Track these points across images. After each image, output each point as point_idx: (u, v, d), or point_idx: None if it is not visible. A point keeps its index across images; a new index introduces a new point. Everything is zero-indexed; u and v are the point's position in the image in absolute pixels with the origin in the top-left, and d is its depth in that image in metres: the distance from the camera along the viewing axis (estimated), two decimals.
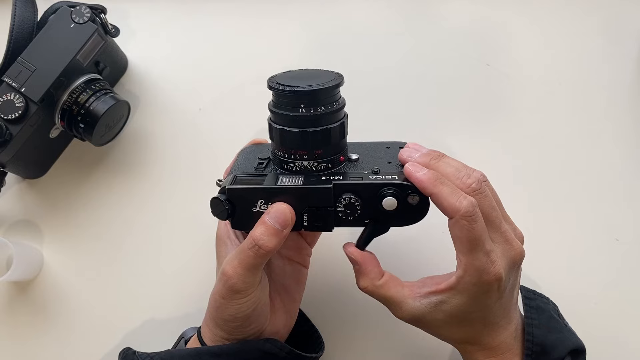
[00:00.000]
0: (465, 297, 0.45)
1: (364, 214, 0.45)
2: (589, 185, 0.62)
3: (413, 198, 0.45)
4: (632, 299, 0.60)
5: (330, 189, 0.44)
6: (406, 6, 0.66)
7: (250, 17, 0.66)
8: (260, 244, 0.44)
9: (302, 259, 0.53)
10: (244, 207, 0.45)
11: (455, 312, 0.45)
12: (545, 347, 0.47)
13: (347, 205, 0.45)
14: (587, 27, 0.65)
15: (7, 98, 0.54)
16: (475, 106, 0.64)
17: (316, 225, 0.46)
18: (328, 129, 0.45)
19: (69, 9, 0.56)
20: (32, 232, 0.63)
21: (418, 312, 0.46)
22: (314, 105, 0.45)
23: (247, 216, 0.45)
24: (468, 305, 0.45)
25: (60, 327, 0.62)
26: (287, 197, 0.45)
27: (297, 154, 0.46)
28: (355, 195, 0.44)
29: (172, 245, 0.62)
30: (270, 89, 0.46)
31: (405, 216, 0.45)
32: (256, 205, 0.45)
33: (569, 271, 0.60)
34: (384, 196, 0.44)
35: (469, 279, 0.44)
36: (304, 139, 0.45)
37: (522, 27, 0.65)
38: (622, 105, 0.63)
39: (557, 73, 0.64)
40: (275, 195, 0.45)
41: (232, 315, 0.46)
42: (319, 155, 0.46)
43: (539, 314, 0.50)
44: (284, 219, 0.44)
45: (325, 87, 0.44)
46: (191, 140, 0.64)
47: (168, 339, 0.56)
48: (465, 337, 0.48)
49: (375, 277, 0.47)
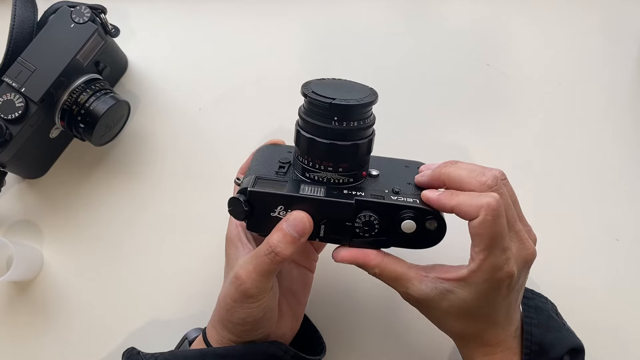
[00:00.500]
0: (474, 291, 0.44)
1: (380, 233, 0.45)
2: (589, 185, 0.62)
3: (431, 224, 0.45)
4: (632, 299, 0.60)
5: (352, 204, 0.44)
6: (406, 6, 0.66)
7: (250, 17, 0.66)
8: (277, 251, 0.44)
9: (309, 264, 0.53)
10: (263, 211, 0.45)
11: (461, 304, 0.45)
12: (543, 346, 0.47)
13: (366, 223, 0.45)
14: (587, 27, 0.65)
15: (7, 98, 0.54)
16: (475, 106, 0.64)
17: (332, 237, 0.46)
18: (357, 144, 0.45)
19: (69, 9, 0.56)
20: (32, 232, 0.63)
21: (424, 294, 0.45)
22: (347, 120, 0.44)
23: (265, 220, 0.45)
24: (475, 300, 0.45)
25: (61, 327, 0.62)
26: (307, 206, 0.44)
27: (322, 164, 0.46)
28: (375, 214, 0.45)
29: (173, 245, 0.62)
30: (305, 97, 0.45)
31: (421, 240, 0.46)
32: (275, 210, 0.45)
33: (569, 271, 0.60)
34: (403, 219, 0.44)
35: (482, 274, 0.43)
36: (332, 151, 0.45)
37: (522, 27, 0.65)
38: (622, 105, 0.63)
39: (557, 73, 0.64)
40: (296, 203, 0.44)
41: (242, 319, 0.46)
42: (343, 169, 0.46)
43: (538, 313, 0.50)
44: (302, 227, 0.44)
45: (360, 104, 0.44)
46: (191, 140, 0.64)
47: (168, 340, 0.56)
48: (466, 332, 0.48)
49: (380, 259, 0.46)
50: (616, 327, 0.59)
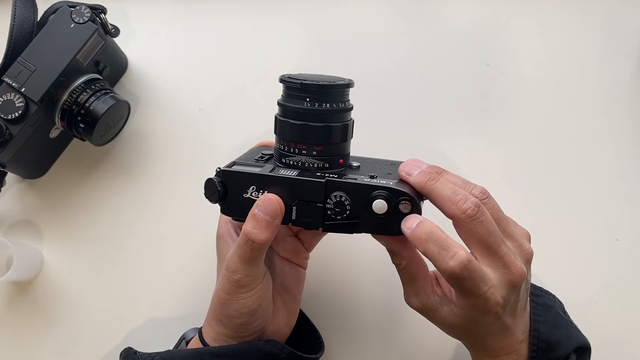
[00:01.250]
0: (463, 316, 0.44)
1: (352, 215, 0.45)
2: (589, 185, 0.62)
3: (405, 206, 0.44)
4: (632, 299, 0.60)
5: (322, 183, 0.44)
6: (406, 6, 0.66)
7: (250, 17, 0.66)
8: (253, 238, 0.44)
9: (300, 262, 0.53)
10: (236, 192, 0.45)
11: (454, 324, 0.45)
12: (551, 344, 0.47)
13: (337, 204, 0.44)
14: (587, 27, 0.64)
15: (7, 98, 0.54)
16: (475, 106, 0.64)
17: (304, 220, 0.45)
18: (330, 126, 0.46)
19: (69, 9, 0.56)
20: (32, 232, 0.63)
21: (427, 304, 0.46)
22: (318, 101, 0.45)
23: (238, 202, 0.45)
24: (465, 323, 0.45)
25: (60, 327, 0.62)
26: (278, 187, 0.45)
27: (296, 147, 0.46)
28: (347, 194, 0.44)
29: (173, 245, 0.62)
30: (281, 82, 0.47)
31: (393, 224, 0.44)
32: (248, 191, 0.45)
33: (569, 271, 0.60)
34: (374, 198, 0.44)
35: (466, 312, 0.44)
36: (304, 132, 0.46)
37: (522, 27, 0.65)
38: (622, 105, 0.63)
39: (557, 73, 0.64)
40: (267, 183, 0.45)
41: (237, 310, 0.46)
42: (317, 152, 0.46)
43: (545, 310, 0.49)
44: (272, 209, 0.44)
45: (331, 84, 0.45)
46: (191, 140, 0.64)
47: (168, 339, 0.56)
48: (465, 340, 0.49)
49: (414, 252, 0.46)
50: (616, 327, 0.59)
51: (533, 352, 0.47)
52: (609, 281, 0.60)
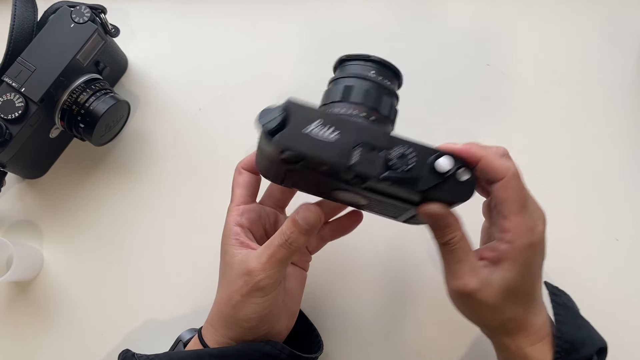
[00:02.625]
0: (519, 263, 0.44)
1: (414, 170, 0.43)
2: (589, 184, 0.62)
3: (463, 173, 0.43)
4: (632, 299, 0.60)
5: (389, 134, 0.43)
6: (406, 6, 0.66)
7: (250, 17, 0.66)
8: (291, 241, 0.45)
9: (303, 264, 0.53)
10: (297, 125, 0.42)
11: (510, 283, 0.44)
12: (574, 345, 0.47)
13: (402, 156, 0.43)
14: (587, 26, 0.65)
15: (7, 98, 0.54)
16: (475, 106, 0.64)
17: (364, 166, 0.42)
18: (389, 100, 0.47)
19: (69, 9, 0.56)
20: (32, 232, 0.63)
21: (484, 280, 0.44)
22: (382, 75, 0.47)
23: (296, 136, 0.42)
24: (521, 273, 0.44)
25: (60, 327, 0.62)
26: (345, 127, 0.42)
27: (355, 109, 0.45)
28: (412, 149, 0.43)
29: (173, 245, 0.62)
30: (343, 60, 0.48)
31: (449, 189, 0.44)
32: (311, 126, 0.42)
33: (569, 271, 0.60)
34: (439, 156, 0.43)
35: (522, 241, 0.44)
36: (368, 95, 0.46)
37: (522, 27, 0.65)
38: (622, 105, 0.63)
39: (557, 73, 0.64)
40: (335, 121, 0.42)
41: (248, 315, 0.46)
42: (375, 118, 0.46)
43: (566, 311, 0.49)
44: (314, 219, 0.45)
45: (395, 67, 0.48)
46: (191, 140, 0.64)
47: (168, 340, 0.56)
48: (514, 316, 0.46)
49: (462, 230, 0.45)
50: (616, 327, 0.59)
51: (557, 354, 0.46)
52: (609, 281, 0.60)
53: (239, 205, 0.49)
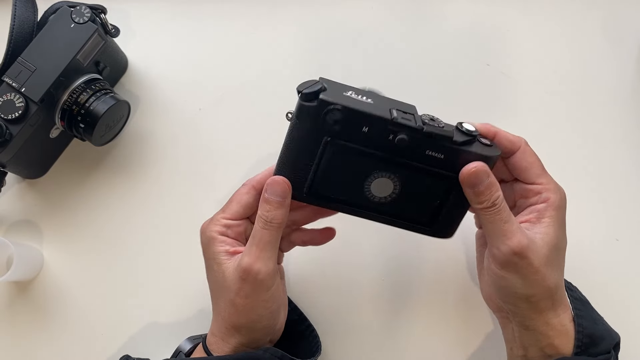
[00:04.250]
0: (556, 219, 0.46)
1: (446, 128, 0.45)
2: (589, 184, 0.62)
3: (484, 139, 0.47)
4: (632, 299, 0.60)
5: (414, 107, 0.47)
6: (406, 6, 0.66)
7: (250, 17, 0.66)
8: (270, 218, 0.45)
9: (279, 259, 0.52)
10: (335, 90, 0.44)
11: (554, 241, 0.46)
12: (594, 339, 0.47)
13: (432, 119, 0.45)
14: (587, 27, 0.65)
15: (7, 98, 0.54)
16: (475, 106, 0.64)
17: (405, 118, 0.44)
18: None
19: (69, 9, 0.56)
20: (32, 232, 0.63)
21: (530, 240, 0.45)
22: None
23: (338, 94, 0.44)
24: (560, 228, 0.47)
25: (60, 327, 0.62)
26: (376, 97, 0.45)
27: None
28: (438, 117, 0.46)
29: (173, 245, 0.62)
30: None
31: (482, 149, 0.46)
32: (347, 92, 0.44)
33: (569, 271, 0.60)
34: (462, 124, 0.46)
35: (556, 196, 0.47)
36: None
37: (522, 27, 0.65)
38: (623, 105, 0.63)
39: (557, 73, 0.64)
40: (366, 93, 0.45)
41: (259, 315, 0.46)
42: None
43: (583, 305, 0.50)
44: (281, 190, 0.45)
45: None
46: (191, 140, 0.64)
47: (168, 340, 0.56)
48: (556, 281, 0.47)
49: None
50: (616, 326, 0.59)
51: (577, 348, 0.47)
52: (609, 281, 0.60)
53: (228, 219, 0.48)
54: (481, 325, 0.59)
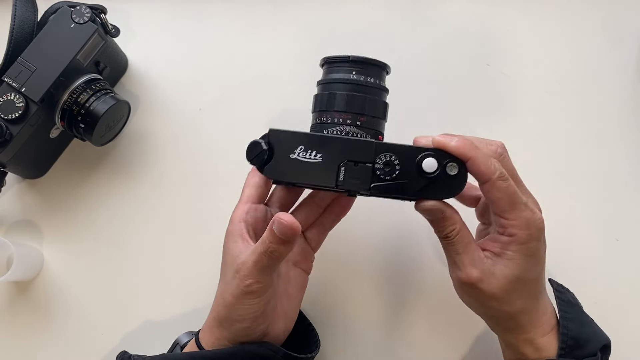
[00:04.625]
0: (524, 254, 0.45)
1: (401, 176, 0.45)
2: (589, 185, 0.62)
3: (452, 168, 0.45)
4: (632, 299, 0.60)
5: (373, 143, 0.45)
6: (406, 6, 0.66)
7: (250, 17, 0.66)
8: (271, 250, 0.44)
9: (306, 265, 0.53)
10: (283, 153, 0.46)
11: (516, 273, 0.45)
12: (579, 341, 0.47)
13: (387, 164, 0.45)
14: (587, 27, 0.65)
15: (7, 98, 0.54)
16: (475, 106, 0.64)
17: (352, 181, 0.45)
18: (375, 98, 0.47)
19: (69, 9, 0.56)
20: (32, 232, 0.63)
21: (486, 270, 0.45)
22: (364, 74, 0.47)
23: (284, 163, 0.46)
24: (527, 263, 0.45)
25: (60, 327, 0.62)
26: (327, 146, 0.45)
27: (340, 117, 0.47)
28: (395, 154, 0.45)
29: (173, 245, 0.62)
30: (325, 63, 0.49)
31: (441, 186, 0.45)
32: (295, 151, 0.45)
33: (569, 271, 0.60)
34: (424, 157, 0.45)
35: (521, 232, 0.45)
36: (351, 102, 0.47)
37: (522, 27, 0.65)
38: (622, 105, 0.63)
39: (557, 73, 0.64)
40: (317, 144, 0.45)
41: (241, 315, 0.46)
42: (361, 122, 0.47)
43: (571, 307, 0.50)
44: (289, 232, 0.44)
45: (376, 60, 0.48)
46: (191, 140, 0.64)
47: (168, 340, 0.56)
48: (523, 307, 0.47)
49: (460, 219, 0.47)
50: (616, 327, 0.59)
51: (562, 350, 0.47)
52: (608, 281, 0.60)
53: (246, 203, 0.49)
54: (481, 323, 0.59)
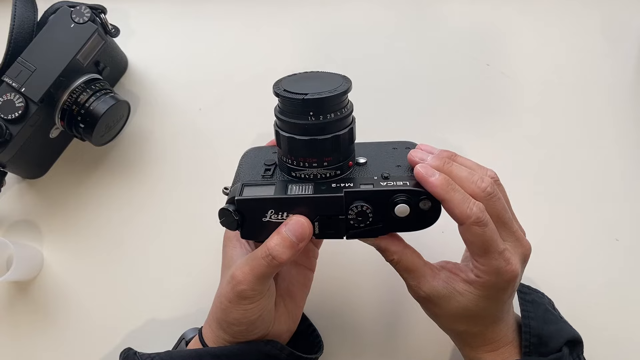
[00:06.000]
0: (483, 295, 0.45)
1: (375, 221, 0.45)
2: (589, 184, 0.62)
3: (425, 204, 0.44)
4: (632, 299, 0.60)
5: (342, 197, 0.44)
6: (406, 6, 0.66)
7: (250, 17, 0.66)
8: (274, 255, 0.43)
9: (310, 263, 0.53)
10: (254, 217, 0.44)
11: (468, 305, 0.46)
12: (542, 338, 0.48)
13: (359, 213, 0.44)
14: (587, 26, 0.65)
15: (7, 98, 0.54)
16: (475, 106, 0.64)
17: (328, 233, 0.45)
18: (337, 136, 0.44)
19: (69, 9, 0.56)
20: (32, 232, 0.63)
21: (434, 291, 0.46)
22: (323, 113, 0.43)
23: (258, 226, 0.45)
24: (484, 303, 0.45)
25: (61, 327, 0.62)
26: (297, 206, 0.44)
27: (306, 161, 0.45)
28: (367, 203, 0.44)
29: (173, 245, 0.62)
30: (277, 96, 0.45)
31: (417, 222, 0.45)
32: (266, 215, 0.44)
33: (569, 271, 0.60)
34: (396, 203, 0.44)
35: (487, 279, 0.44)
36: (314, 147, 0.44)
37: (522, 27, 0.65)
38: (622, 105, 0.63)
39: (557, 73, 0.64)
40: (286, 205, 0.44)
41: (237, 319, 0.46)
42: (328, 163, 0.45)
43: (535, 307, 0.50)
44: (301, 232, 0.43)
45: (334, 95, 0.43)
46: (191, 140, 0.64)
47: (168, 339, 0.56)
48: (470, 331, 0.48)
49: (401, 247, 0.47)
50: (616, 326, 0.59)
51: (525, 348, 0.48)
52: (608, 281, 0.60)
53: None
54: None
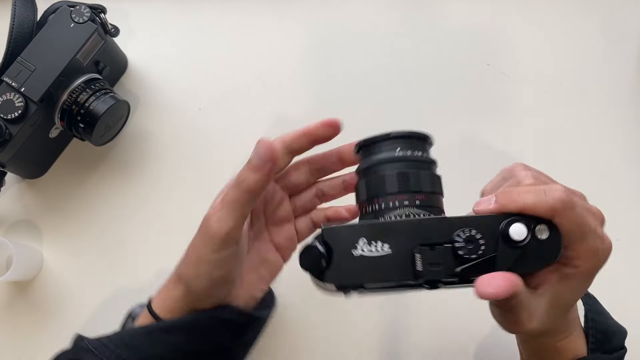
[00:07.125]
0: (578, 282, 0.40)
1: (488, 250, 0.37)
2: (589, 184, 0.61)
3: (542, 231, 0.37)
4: (632, 299, 0.60)
5: (446, 219, 0.38)
6: (406, 6, 0.66)
7: (251, 17, 0.66)
8: (241, 179, 0.41)
9: (287, 253, 0.49)
10: (343, 252, 0.38)
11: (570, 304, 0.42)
12: (607, 334, 0.45)
13: (468, 239, 0.37)
14: (587, 26, 0.65)
15: (6, 98, 0.54)
16: (475, 106, 0.64)
17: (433, 269, 0.37)
18: (428, 173, 0.42)
19: (69, 9, 0.56)
20: (32, 232, 0.63)
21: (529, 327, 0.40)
22: (410, 148, 0.42)
23: (347, 263, 0.38)
24: (579, 292, 0.41)
25: (60, 327, 0.62)
26: (394, 233, 0.38)
27: (396, 200, 0.40)
28: (475, 228, 0.37)
29: (172, 245, 0.62)
30: (362, 147, 0.43)
31: (535, 255, 0.38)
32: (358, 246, 0.38)
33: None
34: (510, 223, 0.37)
35: (590, 263, 0.40)
36: (404, 179, 0.41)
37: (522, 27, 0.65)
38: (622, 105, 0.63)
39: (557, 73, 0.64)
40: (380, 232, 0.38)
41: (197, 274, 0.43)
42: (420, 201, 0.40)
43: (592, 300, 0.48)
44: (265, 151, 0.40)
45: (418, 133, 0.43)
46: (191, 140, 0.64)
47: None
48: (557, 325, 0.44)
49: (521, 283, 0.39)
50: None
51: (592, 344, 0.45)
52: (608, 281, 0.60)
53: None
54: (484, 327, 0.59)
